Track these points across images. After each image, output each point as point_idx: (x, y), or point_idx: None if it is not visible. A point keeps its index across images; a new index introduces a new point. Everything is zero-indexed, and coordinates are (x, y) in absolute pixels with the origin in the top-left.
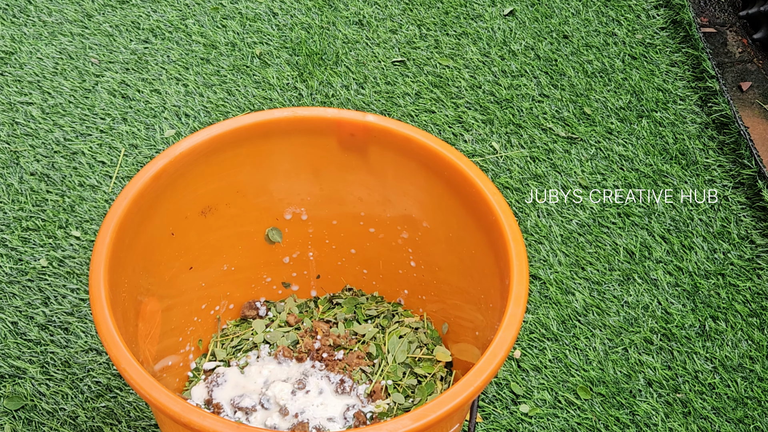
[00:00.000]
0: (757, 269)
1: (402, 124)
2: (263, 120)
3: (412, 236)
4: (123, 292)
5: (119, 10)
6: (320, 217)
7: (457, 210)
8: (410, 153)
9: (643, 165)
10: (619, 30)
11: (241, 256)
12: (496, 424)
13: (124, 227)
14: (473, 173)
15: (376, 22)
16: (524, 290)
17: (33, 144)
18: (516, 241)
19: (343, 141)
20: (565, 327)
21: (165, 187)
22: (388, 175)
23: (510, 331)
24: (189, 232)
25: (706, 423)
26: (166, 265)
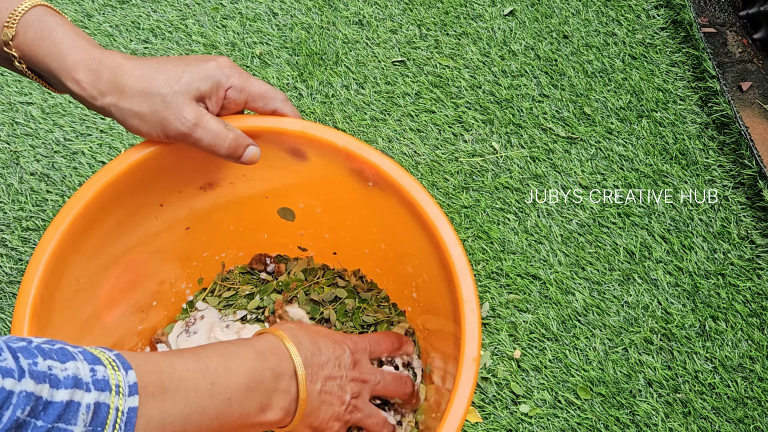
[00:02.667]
0: (758, 269)
1: (410, 180)
2: (269, 127)
3: (415, 274)
4: (79, 264)
5: (119, 10)
6: (334, 216)
7: (435, 263)
8: (414, 214)
9: (643, 165)
10: (619, 30)
11: (249, 220)
12: (496, 424)
13: (78, 222)
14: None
15: (376, 22)
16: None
17: (33, 144)
18: (472, 311)
19: (354, 171)
20: (565, 327)
21: (141, 179)
22: (396, 217)
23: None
24: (182, 204)
25: (706, 423)
26: (151, 232)
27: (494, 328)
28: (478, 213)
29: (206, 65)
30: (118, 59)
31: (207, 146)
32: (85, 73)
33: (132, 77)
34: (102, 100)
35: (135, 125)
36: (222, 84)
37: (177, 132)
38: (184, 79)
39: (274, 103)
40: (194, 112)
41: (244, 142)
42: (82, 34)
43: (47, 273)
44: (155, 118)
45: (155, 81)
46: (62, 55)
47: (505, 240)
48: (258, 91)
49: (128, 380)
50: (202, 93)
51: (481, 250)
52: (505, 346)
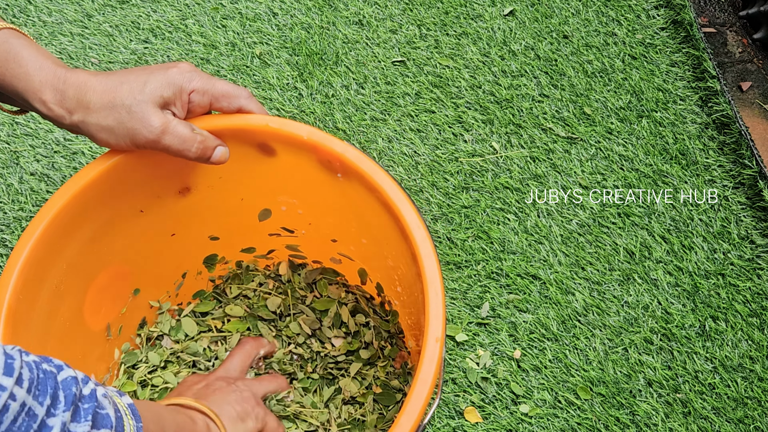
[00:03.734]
0: (758, 269)
1: (373, 166)
2: (232, 125)
3: (395, 266)
4: (56, 277)
5: (119, 10)
6: (314, 214)
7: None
8: (380, 199)
9: (643, 165)
10: (619, 30)
11: (232, 224)
12: (496, 424)
13: (59, 221)
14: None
15: (376, 22)
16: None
17: (33, 144)
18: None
19: (322, 162)
20: (565, 327)
21: (116, 182)
22: (366, 206)
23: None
24: (163, 210)
25: (706, 423)
26: (134, 237)
27: (494, 328)
28: (478, 213)
29: (167, 72)
30: (83, 76)
31: (176, 151)
32: (51, 94)
33: (96, 92)
34: (70, 119)
35: (104, 138)
36: (184, 88)
37: (145, 140)
38: (146, 88)
39: (238, 101)
40: (160, 119)
41: (212, 143)
42: (47, 54)
43: (23, 278)
44: (122, 130)
45: (118, 93)
46: (28, 76)
47: (505, 240)
48: (221, 91)
49: (124, 401)
50: (165, 99)
51: (481, 250)
52: (505, 346)
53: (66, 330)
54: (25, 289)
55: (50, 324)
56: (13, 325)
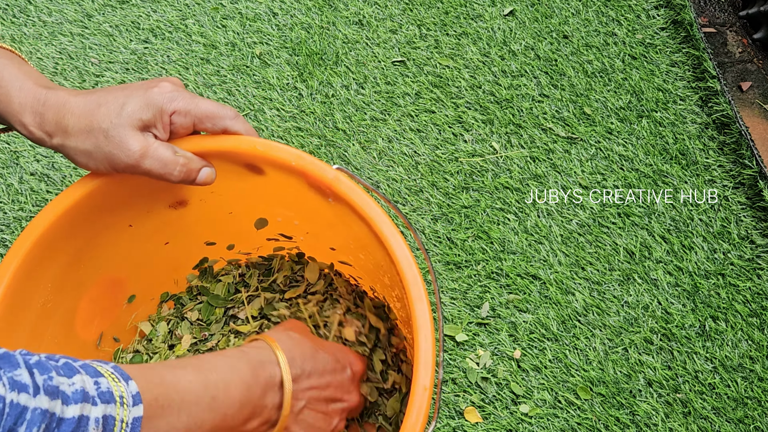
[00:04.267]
0: (758, 269)
1: (365, 198)
2: (215, 148)
3: (391, 285)
4: (42, 296)
5: (119, 10)
6: (311, 226)
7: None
8: (372, 231)
9: (643, 165)
10: (619, 30)
11: (226, 232)
12: (496, 424)
13: (42, 243)
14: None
15: (376, 22)
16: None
17: (33, 144)
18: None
19: (312, 185)
20: (565, 327)
21: (104, 197)
22: (358, 232)
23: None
24: (153, 222)
25: (706, 423)
26: (124, 250)
27: (494, 328)
28: (478, 213)
29: (147, 93)
30: (63, 97)
31: (158, 175)
32: (31, 117)
33: (74, 116)
34: (50, 141)
35: (83, 162)
36: (165, 110)
37: (124, 165)
38: (124, 111)
39: (223, 122)
40: (139, 143)
41: (196, 165)
42: (29, 73)
43: (5, 304)
44: (100, 154)
45: (96, 116)
46: (8, 98)
47: (505, 240)
48: (204, 111)
49: (130, 390)
50: (145, 122)
51: (481, 250)
52: (505, 346)
53: (55, 345)
54: (9, 315)
55: (38, 343)
56: (7, 325)
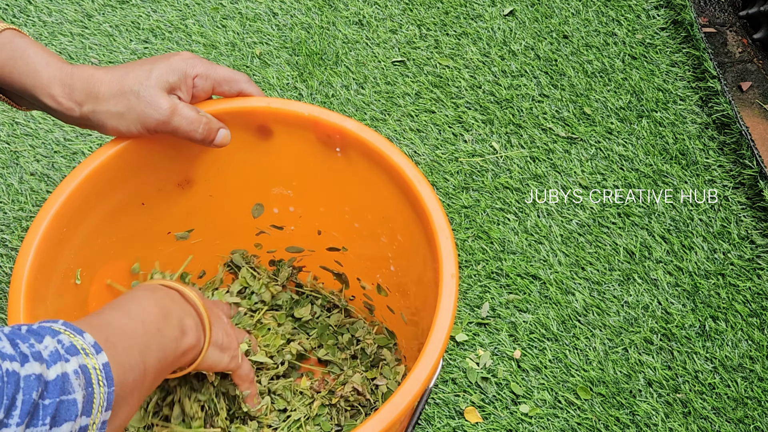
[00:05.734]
0: (758, 269)
1: (374, 134)
2: (231, 108)
3: (389, 242)
4: (64, 265)
5: (119, 10)
6: (306, 206)
7: (416, 228)
8: (380, 164)
9: (643, 165)
10: (619, 30)
11: (227, 221)
12: (496, 424)
13: (65, 211)
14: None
15: (376, 22)
16: (448, 321)
17: (33, 144)
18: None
19: (321, 139)
20: (565, 327)
21: (121, 169)
22: (364, 178)
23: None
24: (163, 203)
25: (706, 423)
26: (135, 231)
27: (494, 328)
28: (478, 213)
29: (171, 60)
30: (89, 70)
31: (184, 132)
32: (60, 88)
33: (104, 83)
34: (80, 110)
35: (114, 126)
36: (188, 73)
37: (156, 122)
38: (153, 74)
39: (239, 84)
40: (168, 102)
41: (215, 125)
42: (51, 52)
43: (38, 258)
44: (133, 114)
45: (126, 81)
46: (36, 73)
47: (505, 240)
48: (222, 76)
49: (88, 341)
50: (171, 84)
51: (481, 250)
52: (505, 346)
53: (74, 316)
54: (41, 269)
55: (60, 308)
56: (32, 301)
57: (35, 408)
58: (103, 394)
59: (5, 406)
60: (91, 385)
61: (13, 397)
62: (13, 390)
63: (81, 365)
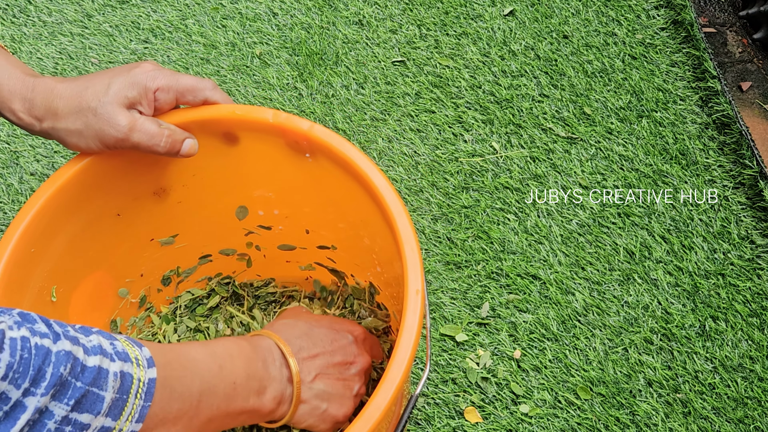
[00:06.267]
0: (758, 269)
1: (340, 140)
2: (196, 118)
3: (372, 244)
4: (37, 284)
5: (119, 10)
6: (290, 208)
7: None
8: (348, 170)
9: (643, 165)
10: (619, 30)
11: (209, 225)
12: (496, 424)
13: (32, 230)
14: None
15: (376, 22)
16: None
17: (33, 144)
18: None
19: (290, 144)
20: (565, 327)
21: (93, 180)
22: (337, 183)
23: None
24: (140, 213)
25: (706, 423)
26: (114, 242)
27: (494, 328)
28: (478, 213)
29: (130, 73)
30: (50, 84)
31: (146, 147)
32: (20, 103)
33: (63, 98)
34: (39, 126)
35: (74, 142)
36: (149, 87)
37: (114, 139)
38: (111, 90)
39: (203, 93)
40: (127, 118)
41: (179, 137)
42: (16, 63)
43: (4, 281)
44: (91, 132)
45: (84, 97)
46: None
47: (505, 240)
48: (185, 85)
49: (144, 354)
50: (131, 100)
51: (481, 250)
52: (505, 346)
53: None
54: (9, 289)
55: None
56: None
57: (65, 383)
58: (137, 407)
59: (31, 376)
60: (127, 394)
61: (40, 368)
62: (40, 362)
63: (124, 372)
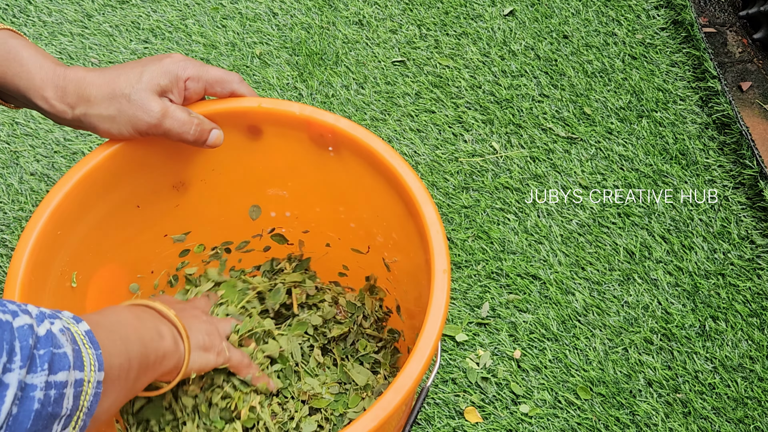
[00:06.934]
0: (758, 269)
1: (366, 132)
2: (222, 109)
3: (386, 240)
4: (59, 267)
5: (119, 10)
6: (302, 207)
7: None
8: (372, 162)
9: (643, 165)
10: (619, 30)
11: (224, 226)
12: (496, 424)
13: (60, 212)
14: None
15: (376, 22)
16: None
17: (33, 144)
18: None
19: (313, 139)
20: (565, 327)
21: (118, 170)
22: (357, 177)
23: (418, 359)
24: (158, 206)
25: (706, 423)
26: (131, 234)
27: (494, 328)
28: (478, 213)
29: (162, 62)
30: (81, 73)
31: (176, 134)
32: (52, 91)
33: (95, 86)
34: (72, 113)
35: (106, 128)
36: (180, 76)
37: (147, 125)
38: (144, 77)
39: (230, 85)
40: (159, 105)
41: (207, 126)
42: (45, 54)
43: (31, 264)
44: (124, 117)
45: (117, 84)
46: (29, 75)
47: (505, 240)
48: (214, 77)
49: (66, 315)
50: (163, 87)
51: (481, 250)
52: (505, 346)
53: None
54: (35, 271)
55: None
56: (28, 301)
57: (32, 355)
58: (92, 355)
59: (6, 351)
60: (77, 344)
61: (11, 343)
62: (9, 337)
63: (64, 327)
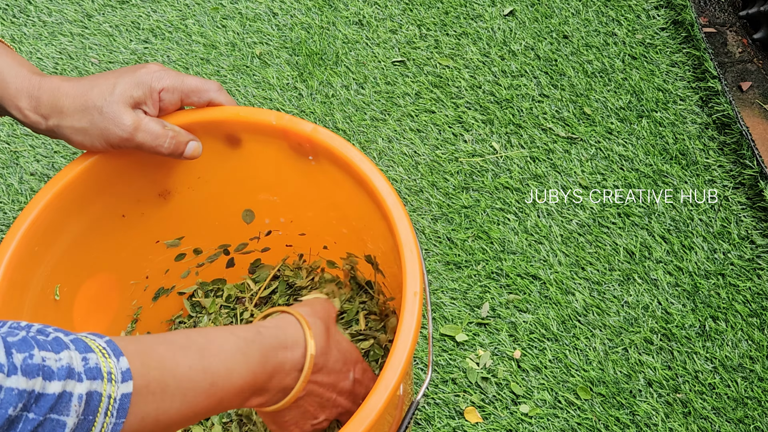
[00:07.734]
0: (758, 269)
1: (343, 142)
2: (201, 119)
3: (375, 248)
4: (39, 282)
5: (119, 10)
6: (294, 213)
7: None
8: (350, 173)
9: (643, 165)
10: (619, 30)
11: (219, 229)
12: (496, 425)
13: (35, 229)
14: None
15: (376, 22)
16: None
17: (33, 144)
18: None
19: (293, 147)
20: (565, 327)
21: (96, 181)
22: (339, 186)
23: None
24: (144, 214)
25: (706, 423)
26: (119, 243)
27: (494, 328)
28: (478, 213)
29: (136, 73)
30: (56, 82)
31: (150, 147)
32: (27, 101)
33: (69, 96)
34: (45, 124)
35: (79, 140)
36: (154, 87)
37: (119, 138)
38: (116, 89)
39: (207, 94)
40: (131, 118)
41: (184, 138)
42: (23, 62)
43: (6, 281)
44: (96, 130)
45: (90, 96)
46: (5, 83)
47: (505, 240)
48: (190, 87)
49: (120, 367)
50: (136, 99)
51: (481, 250)
52: (505, 346)
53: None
54: (12, 287)
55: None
56: (4, 317)
57: (15, 420)
58: (108, 425)
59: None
60: (94, 414)
61: None
62: None
63: (91, 391)
